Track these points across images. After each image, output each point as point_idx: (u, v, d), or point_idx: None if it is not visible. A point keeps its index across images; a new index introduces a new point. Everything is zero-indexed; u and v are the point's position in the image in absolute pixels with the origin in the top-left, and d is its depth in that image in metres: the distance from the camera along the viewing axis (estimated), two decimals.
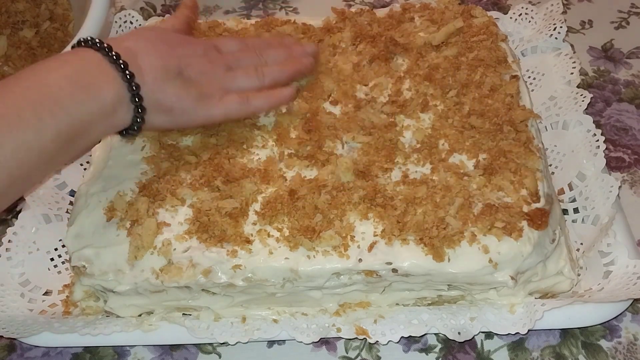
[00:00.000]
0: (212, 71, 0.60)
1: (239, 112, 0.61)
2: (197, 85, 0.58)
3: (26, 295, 0.62)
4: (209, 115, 0.59)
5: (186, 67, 0.58)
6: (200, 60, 0.59)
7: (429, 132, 0.63)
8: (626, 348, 0.61)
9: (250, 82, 0.61)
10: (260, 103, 0.62)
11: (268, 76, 0.62)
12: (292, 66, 0.64)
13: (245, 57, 0.63)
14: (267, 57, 0.64)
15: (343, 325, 0.58)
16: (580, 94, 0.71)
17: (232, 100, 0.60)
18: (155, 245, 0.56)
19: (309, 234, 0.55)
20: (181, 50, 0.59)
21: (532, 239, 0.56)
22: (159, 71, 0.56)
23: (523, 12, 0.82)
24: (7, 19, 0.82)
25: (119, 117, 0.55)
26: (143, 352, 0.62)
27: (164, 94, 0.56)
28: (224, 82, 0.60)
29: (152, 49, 0.57)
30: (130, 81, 0.54)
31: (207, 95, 0.58)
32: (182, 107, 0.57)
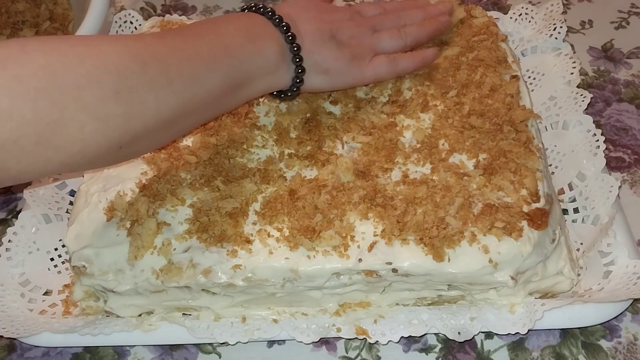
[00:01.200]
0: (360, 34, 0.63)
1: (388, 72, 0.64)
2: (349, 47, 0.61)
3: (26, 295, 0.62)
4: (361, 76, 0.63)
5: (337, 31, 0.61)
6: (348, 24, 0.63)
7: (429, 132, 0.63)
8: (626, 348, 0.61)
9: (395, 42, 0.64)
10: (407, 63, 0.65)
11: (410, 36, 0.65)
12: (430, 25, 0.67)
13: (387, 20, 0.66)
14: (406, 18, 0.67)
15: (343, 325, 0.58)
16: (580, 94, 0.71)
17: (382, 61, 0.63)
18: (155, 245, 0.56)
19: (309, 234, 0.55)
20: (330, 15, 0.63)
21: (532, 239, 0.56)
22: (316, 34, 0.60)
23: (523, 12, 0.82)
24: (7, 19, 0.82)
25: (280, 75, 0.59)
26: (143, 352, 0.62)
27: (322, 55, 0.60)
28: (372, 44, 0.63)
29: (306, 14, 0.61)
30: (292, 42, 0.58)
31: (358, 56, 0.62)
32: (338, 67, 0.61)
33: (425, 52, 0.66)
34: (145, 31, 0.75)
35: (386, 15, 0.67)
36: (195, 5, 0.96)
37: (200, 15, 0.94)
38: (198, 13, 0.95)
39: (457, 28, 0.72)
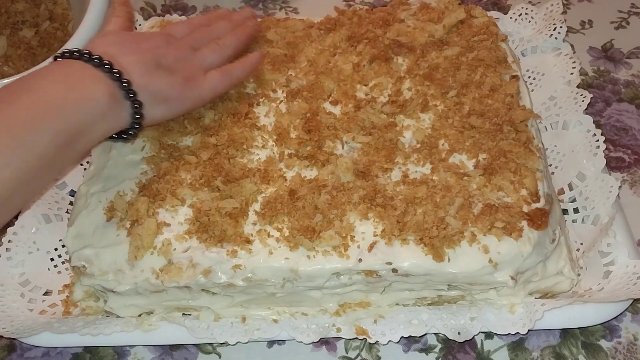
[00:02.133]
0: (183, 55, 0.61)
1: (225, 85, 0.63)
2: (178, 71, 0.59)
3: (26, 295, 0.62)
4: (200, 96, 0.61)
5: (161, 58, 0.59)
6: (168, 49, 0.60)
7: (429, 132, 0.63)
8: (626, 348, 0.61)
9: (217, 55, 0.63)
10: (239, 72, 0.64)
11: (229, 46, 0.65)
12: (243, 32, 0.67)
13: (201, 36, 0.65)
14: (217, 31, 0.66)
15: (343, 325, 0.58)
16: (580, 94, 0.71)
17: (215, 76, 0.62)
18: (155, 245, 0.56)
19: (309, 234, 0.55)
20: (147, 44, 0.60)
21: (532, 239, 0.56)
22: (141, 66, 0.57)
23: (523, 12, 0.82)
24: (7, 19, 0.82)
25: (116, 116, 0.55)
26: (143, 352, 0.62)
27: (155, 85, 0.57)
28: (198, 62, 0.62)
29: (123, 48, 0.58)
30: (119, 79, 0.55)
31: (191, 77, 0.60)
32: (175, 93, 0.59)
33: (251, 58, 0.66)
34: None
35: (198, 32, 0.65)
36: (195, 5, 0.96)
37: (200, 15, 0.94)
38: (198, 13, 0.95)
39: (457, 28, 0.72)
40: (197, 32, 0.65)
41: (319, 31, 0.73)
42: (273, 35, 0.73)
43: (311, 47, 0.71)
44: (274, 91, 0.68)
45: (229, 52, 0.65)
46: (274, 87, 0.68)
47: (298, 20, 0.75)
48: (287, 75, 0.69)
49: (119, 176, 0.62)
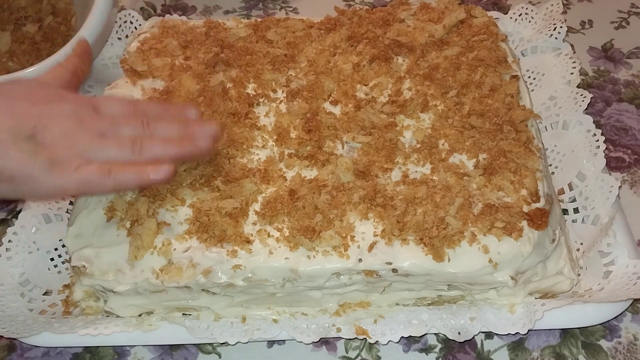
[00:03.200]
0: (75, 136, 0.52)
1: (98, 185, 0.52)
2: (50, 150, 0.50)
3: (26, 295, 0.62)
4: (58, 186, 0.51)
5: (43, 129, 0.51)
6: (65, 121, 0.52)
7: (429, 132, 0.63)
8: (626, 348, 0.61)
9: (121, 154, 0.52)
10: (126, 177, 0.52)
11: (146, 151, 0.53)
12: (180, 145, 0.54)
13: (127, 125, 0.54)
14: (154, 129, 0.55)
15: (343, 325, 0.58)
16: (580, 94, 0.71)
17: (91, 170, 0.51)
18: (155, 245, 0.56)
19: (309, 234, 0.55)
20: (45, 108, 0.52)
21: (532, 239, 0.56)
22: (6, 133, 0.49)
23: (523, 12, 0.82)
24: (10, 14, 0.82)
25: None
26: (143, 352, 0.62)
27: (5, 159, 0.49)
28: (88, 150, 0.52)
29: (6, 107, 0.50)
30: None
31: (59, 162, 0.50)
32: (25, 174, 0.50)
33: (155, 169, 0.52)
34: (145, 31, 0.75)
35: (130, 118, 0.55)
36: (195, 5, 0.96)
37: (200, 15, 0.94)
38: (198, 13, 0.95)
39: (457, 28, 0.72)
40: (127, 119, 0.55)
41: (319, 31, 0.74)
42: (273, 35, 0.73)
43: (311, 47, 0.71)
44: (274, 91, 0.68)
45: (140, 157, 0.53)
46: (274, 87, 0.68)
47: (298, 20, 0.75)
48: (287, 75, 0.69)
49: None
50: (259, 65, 0.69)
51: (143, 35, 0.74)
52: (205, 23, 0.75)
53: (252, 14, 0.94)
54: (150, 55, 0.70)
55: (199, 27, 0.74)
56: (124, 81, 0.69)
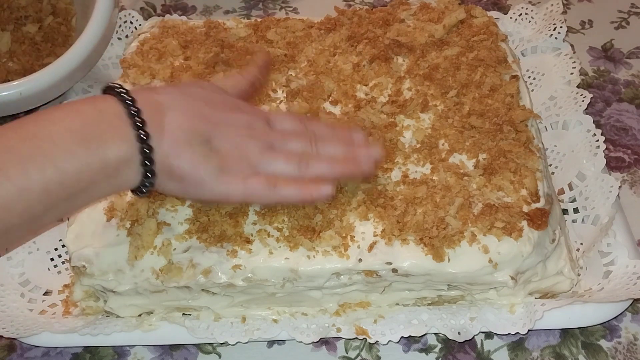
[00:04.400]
0: (247, 146, 0.52)
1: (262, 197, 0.53)
2: (222, 157, 0.51)
3: (26, 295, 0.62)
4: (225, 193, 0.52)
5: (218, 136, 0.51)
6: (239, 131, 0.53)
7: (429, 132, 0.63)
8: (626, 348, 0.61)
9: (287, 169, 0.53)
10: (289, 193, 0.53)
11: (312, 169, 0.54)
12: (345, 166, 0.55)
13: (296, 141, 0.55)
14: (321, 148, 0.55)
15: (343, 325, 0.58)
16: (580, 94, 0.71)
17: (257, 182, 0.52)
18: (155, 245, 0.56)
19: (309, 234, 0.55)
20: (223, 115, 0.53)
21: (532, 239, 0.56)
22: (184, 134, 0.50)
23: (523, 12, 0.82)
24: (10, 14, 0.82)
25: (124, 178, 0.49)
26: (143, 352, 0.62)
27: (179, 159, 0.50)
28: (257, 162, 0.53)
29: (187, 107, 0.51)
30: (143, 142, 0.48)
31: (229, 170, 0.51)
32: (195, 177, 0.51)
33: (318, 188, 0.53)
34: (145, 31, 0.75)
35: (299, 136, 0.55)
36: (195, 5, 0.96)
37: (200, 15, 0.94)
38: (198, 13, 0.95)
39: (457, 28, 0.72)
40: (297, 136, 0.55)
41: (319, 31, 0.74)
42: (273, 35, 0.73)
43: (311, 47, 0.71)
44: (274, 91, 0.68)
45: (305, 173, 0.53)
46: (274, 87, 0.68)
47: (298, 20, 0.75)
48: (287, 75, 0.69)
49: None
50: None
51: (143, 35, 0.74)
52: (205, 23, 0.75)
53: (252, 14, 0.94)
54: (150, 55, 0.70)
55: (199, 27, 0.74)
56: (123, 81, 0.69)
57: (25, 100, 0.70)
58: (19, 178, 0.44)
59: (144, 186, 0.51)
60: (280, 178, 0.53)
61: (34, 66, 0.80)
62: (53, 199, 0.46)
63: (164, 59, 0.70)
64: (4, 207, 0.44)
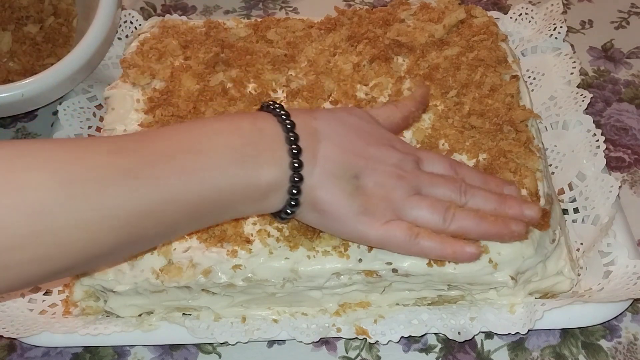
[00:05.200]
0: (394, 188, 0.50)
1: (401, 245, 0.51)
2: (367, 196, 0.50)
3: (26, 295, 0.62)
4: (363, 234, 0.51)
5: (367, 173, 0.50)
6: (388, 169, 0.51)
7: (428, 132, 0.63)
8: (626, 348, 0.61)
9: (432, 219, 0.51)
10: (429, 247, 0.50)
11: (457, 222, 0.51)
12: (493, 225, 0.51)
13: (445, 187, 0.52)
14: (470, 197, 0.52)
15: (343, 325, 0.58)
16: (580, 94, 0.71)
17: (399, 229, 0.50)
18: None
19: (309, 234, 0.55)
20: (374, 151, 0.51)
21: (534, 241, 0.56)
22: (335, 167, 0.49)
23: (523, 12, 0.82)
24: (11, 14, 0.82)
25: (269, 203, 0.49)
26: (143, 352, 0.62)
27: (326, 193, 0.49)
28: (402, 206, 0.50)
29: (341, 138, 0.50)
30: (295, 170, 0.48)
31: (372, 211, 0.50)
32: (337, 213, 0.49)
33: (463, 247, 0.50)
34: (145, 31, 0.75)
35: (449, 181, 0.52)
36: (195, 5, 0.96)
37: (200, 15, 0.94)
38: (198, 13, 0.95)
39: (457, 28, 0.72)
40: (447, 181, 0.52)
41: (319, 31, 0.74)
42: (273, 35, 0.73)
43: (311, 47, 0.71)
44: (274, 91, 0.68)
45: (449, 227, 0.51)
46: (274, 87, 0.68)
47: (298, 20, 0.75)
48: (287, 75, 0.69)
49: None
50: (259, 65, 0.69)
51: (143, 35, 0.74)
52: (205, 23, 0.75)
53: (252, 14, 0.94)
54: (150, 55, 0.70)
55: (199, 27, 0.74)
56: (123, 81, 0.69)
57: (27, 101, 0.70)
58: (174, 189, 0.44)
59: (285, 214, 0.50)
60: (422, 228, 0.51)
61: (34, 66, 0.80)
62: (200, 214, 0.46)
63: (164, 59, 0.70)
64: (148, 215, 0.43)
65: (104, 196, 0.41)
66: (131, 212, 0.43)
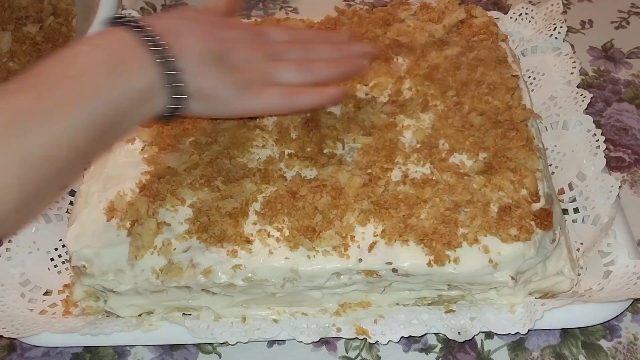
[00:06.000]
0: (255, 59, 0.54)
1: (281, 106, 0.56)
2: (238, 72, 0.53)
3: (26, 295, 0.62)
4: (248, 107, 0.55)
5: (229, 52, 0.53)
6: (244, 45, 0.55)
7: (429, 132, 0.63)
8: (626, 348, 0.61)
9: (295, 75, 0.56)
10: (306, 100, 0.56)
11: (316, 72, 0.57)
12: (343, 66, 0.58)
13: (294, 49, 0.58)
14: (316, 52, 0.58)
15: (343, 325, 0.58)
16: (580, 94, 0.71)
17: (275, 93, 0.55)
18: (155, 245, 0.56)
19: (309, 234, 0.55)
20: (226, 33, 0.54)
21: (536, 241, 0.56)
22: (201, 55, 0.52)
23: (523, 12, 0.82)
24: (11, 14, 0.82)
25: (156, 102, 0.50)
26: (143, 352, 0.62)
27: (203, 79, 0.52)
28: (271, 73, 0.55)
29: (195, 28, 0.53)
30: (169, 65, 0.50)
31: (247, 84, 0.54)
32: (222, 95, 0.53)
33: (330, 91, 0.57)
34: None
35: (295, 43, 0.58)
36: (195, 5, 0.96)
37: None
38: None
39: (457, 28, 0.72)
40: (293, 44, 0.58)
41: None
42: None
43: None
44: None
45: (311, 78, 0.56)
46: None
47: (298, 20, 0.75)
48: None
49: (119, 176, 0.62)
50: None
51: None
52: None
53: (252, 14, 0.94)
54: None
55: None
56: None
57: None
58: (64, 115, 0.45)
59: (175, 110, 0.52)
60: (295, 87, 0.55)
61: None
62: (97, 131, 0.47)
63: None
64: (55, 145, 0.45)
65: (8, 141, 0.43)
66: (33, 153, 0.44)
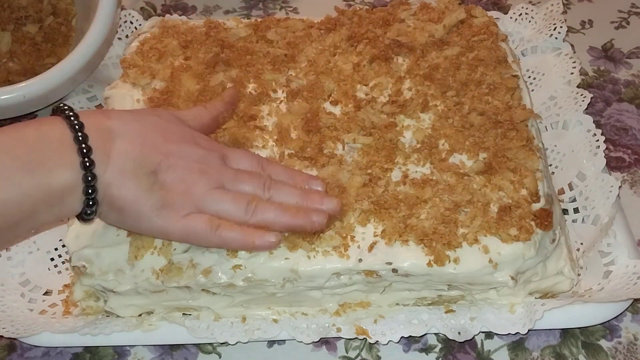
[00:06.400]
0: (194, 182, 0.51)
1: (202, 238, 0.52)
2: (166, 191, 0.50)
3: (26, 295, 0.62)
4: (163, 229, 0.51)
5: (166, 168, 0.51)
6: (189, 165, 0.52)
7: (429, 132, 0.63)
8: (626, 348, 0.61)
9: (233, 211, 0.52)
10: (231, 237, 0.52)
11: (259, 215, 0.52)
12: (294, 217, 0.53)
13: (249, 183, 0.54)
14: (274, 192, 0.54)
15: (343, 325, 0.58)
16: (580, 94, 0.71)
17: (199, 221, 0.51)
18: (155, 245, 0.56)
19: (308, 237, 0.55)
20: (175, 148, 0.52)
21: (537, 242, 0.56)
22: (130, 163, 0.49)
23: (523, 12, 0.82)
24: (10, 14, 0.82)
25: (68, 206, 0.49)
26: (143, 352, 0.62)
27: (121, 190, 0.49)
28: (203, 200, 0.51)
29: (138, 136, 0.50)
30: (87, 169, 0.48)
31: (170, 205, 0.50)
32: (135, 209, 0.50)
33: (262, 237, 0.52)
34: (145, 31, 0.75)
35: (254, 177, 0.54)
36: (195, 5, 0.96)
37: (200, 15, 0.94)
38: (198, 13, 0.95)
39: (457, 28, 0.72)
40: (251, 177, 0.54)
41: (319, 31, 0.74)
42: (273, 35, 0.73)
43: (311, 47, 0.71)
44: (274, 91, 0.68)
45: (251, 219, 0.52)
46: (274, 87, 0.68)
47: (298, 20, 0.75)
48: (287, 75, 0.69)
49: None
50: (259, 65, 0.69)
51: (143, 35, 0.74)
52: (205, 23, 0.75)
53: (252, 14, 0.94)
54: (151, 55, 0.70)
55: (199, 27, 0.74)
56: (123, 81, 0.69)
57: (28, 102, 0.70)
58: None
59: (86, 214, 0.50)
60: (224, 220, 0.52)
61: (34, 66, 0.80)
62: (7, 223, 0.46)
63: (164, 59, 0.70)
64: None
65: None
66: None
